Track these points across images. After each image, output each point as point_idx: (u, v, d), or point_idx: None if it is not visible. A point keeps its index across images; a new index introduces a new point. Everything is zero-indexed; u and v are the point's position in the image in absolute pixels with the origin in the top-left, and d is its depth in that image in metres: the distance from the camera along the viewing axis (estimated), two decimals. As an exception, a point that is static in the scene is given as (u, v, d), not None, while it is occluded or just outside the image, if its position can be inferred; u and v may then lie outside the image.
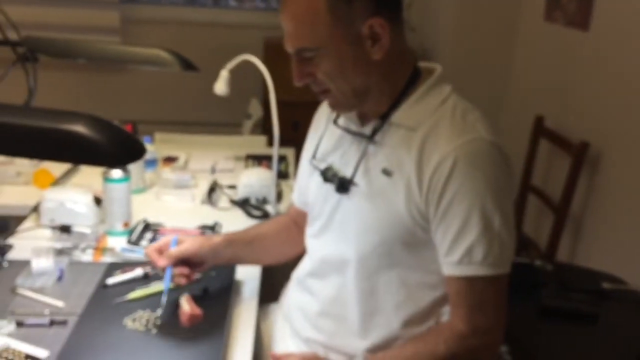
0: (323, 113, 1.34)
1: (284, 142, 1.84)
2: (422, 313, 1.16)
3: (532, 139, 2.63)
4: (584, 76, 2.43)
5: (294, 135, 2.14)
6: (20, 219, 1.75)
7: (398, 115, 1.13)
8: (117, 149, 0.86)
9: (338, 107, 1.16)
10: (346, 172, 1.19)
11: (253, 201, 1.89)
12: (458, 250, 1.07)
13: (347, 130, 1.21)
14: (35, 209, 1.70)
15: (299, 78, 1.11)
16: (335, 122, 1.25)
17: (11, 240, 1.59)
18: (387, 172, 1.12)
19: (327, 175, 1.21)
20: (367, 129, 1.16)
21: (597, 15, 2.35)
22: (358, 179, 1.16)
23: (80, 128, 0.86)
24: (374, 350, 1.18)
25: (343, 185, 1.17)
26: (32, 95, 1.21)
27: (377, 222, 1.13)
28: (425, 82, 1.15)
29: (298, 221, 1.42)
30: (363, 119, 1.19)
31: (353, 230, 1.17)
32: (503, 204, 1.06)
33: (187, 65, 1.38)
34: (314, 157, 1.28)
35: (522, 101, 2.95)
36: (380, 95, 1.13)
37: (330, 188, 1.21)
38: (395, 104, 1.14)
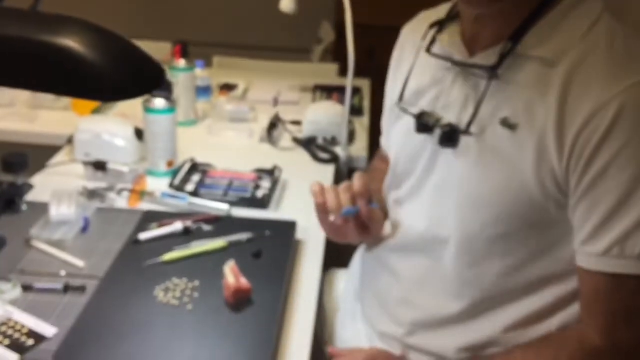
0: (408, 40, 1.01)
1: (358, 72, 1.54)
2: (539, 313, 0.86)
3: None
4: None
5: (370, 64, 1.87)
6: (55, 150, 1.53)
7: (531, 41, 0.80)
8: (120, 74, 0.58)
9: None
10: (448, 118, 0.87)
11: (320, 141, 1.60)
12: (606, 236, 0.76)
13: (450, 61, 0.88)
14: (70, 140, 1.47)
15: None
16: (429, 50, 0.92)
17: (38, 178, 1.37)
18: (509, 124, 0.80)
19: (426, 121, 0.89)
20: (484, 59, 0.83)
21: None
22: (474, 128, 0.83)
23: (70, 42, 0.58)
24: (468, 352, 0.89)
25: (451, 137, 0.85)
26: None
27: (490, 193, 0.82)
28: None
29: None
30: (472, 45, 0.86)
31: (455, 200, 0.86)
32: None
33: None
34: (400, 99, 0.96)
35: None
36: (516, 2, 0.80)
37: (425, 139, 0.90)
38: (527, 24, 0.80)
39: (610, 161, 0.73)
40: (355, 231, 0.97)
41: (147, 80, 0.60)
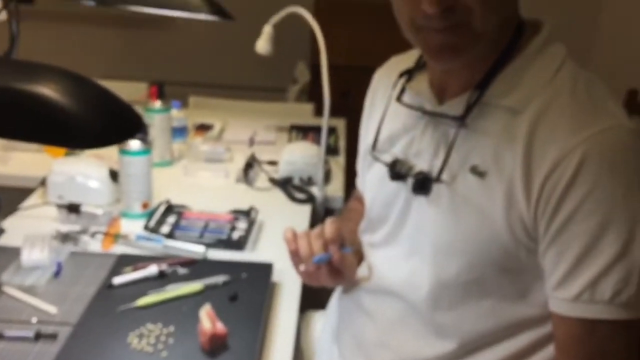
0: (379, 86, 1.03)
1: (333, 112, 1.57)
2: (516, 356, 0.86)
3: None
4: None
5: (345, 104, 1.89)
6: (28, 193, 1.51)
7: (497, 90, 0.82)
8: (97, 123, 0.58)
9: (460, 52, 0.80)
10: (420, 166, 0.89)
11: (296, 181, 1.61)
12: (576, 282, 0.77)
13: (420, 110, 0.90)
14: (43, 182, 1.46)
15: None
16: (399, 99, 0.94)
17: (10, 221, 1.34)
18: (478, 172, 0.81)
19: (398, 170, 0.91)
20: (452, 108, 0.85)
21: None
22: (445, 176, 0.85)
23: (47, 90, 0.58)
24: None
25: (423, 184, 0.86)
26: (13, 45, 0.94)
27: (463, 240, 0.83)
28: (531, 43, 0.83)
29: None
30: (440, 94, 0.88)
31: (429, 247, 0.87)
32: None
33: (219, 11, 1.09)
34: (373, 147, 0.97)
35: (610, 72, 2.56)
36: (481, 53, 0.82)
37: (399, 186, 0.91)
38: (492, 73, 0.82)
39: (576, 208, 0.74)
40: (329, 276, 0.98)
41: (125, 128, 0.60)
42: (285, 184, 1.60)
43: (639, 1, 2.40)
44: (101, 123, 0.58)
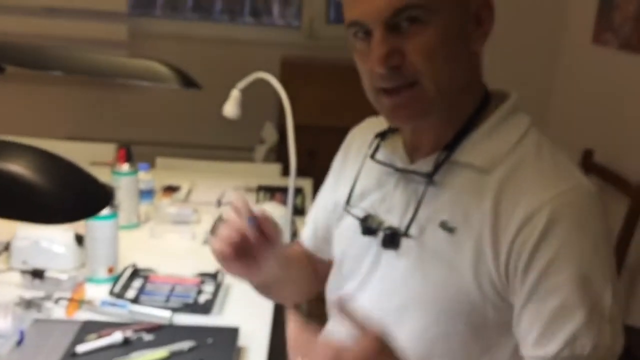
0: (354, 144, 1.07)
1: (300, 172, 1.60)
2: None
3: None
4: (642, 106, 2.15)
5: (312, 163, 1.92)
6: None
7: (465, 151, 0.87)
8: (67, 198, 0.60)
9: (414, 113, 0.85)
10: (391, 221, 0.92)
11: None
12: (555, 339, 0.78)
13: (392, 167, 0.94)
14: (7, 247, 1.44)
15: (386, 57, 0.81)
16: (373, 156, 0.98)
17: (-29, 287, 1.32)
18: (447, 227, 0.85)
19: (369, 225, 0.94)
20: (422, 166, 0.90)
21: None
22: (412, 231, 0.88)
23: (17, 168, 0.60)
24: None
25: (393, 239, 0.90)
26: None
27: (431, 295, 0.86)
28: (499, 110, 0.89)
29: (312, 259, 1.14)
30: (413, 153, 0.93)
31: (398, 301, 0.89)
32: (613, 273, 0.81)
33: (188, 81, 1.13)
34: (347, 202, 1.01)
35: (566, 132, 2.67)
36: (453, 110, 0.87)
37: (370, 241, 0.94)
38: (460, 135, 0.87)
39: (549, 263, 0.78)
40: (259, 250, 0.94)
41: (93, 203, 0.62)
42: (252, 246, 1.60)
43: (589, 69, 2.52)
44: (71, 200, 0.59)
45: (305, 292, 1.18)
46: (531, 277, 0.79)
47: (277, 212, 1.67)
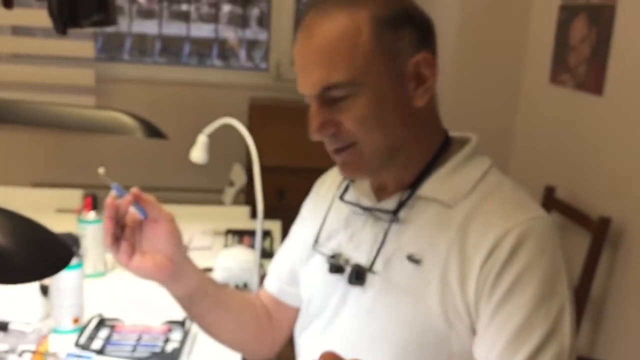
0: (323, 188, 1.11)
1: (269, 213, 1.61)
2: None
3: (542, 212, 2.40)
4: (600, 143, 2.22)
5: (280, 204, 1.93)
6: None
7: (429, 187, 0.91)
8: (27, 258, 0.60)
9: (358, 169, 0.92)
10: (358, 258, 0.95)
11: (232, 287, 1.62)
12: (519, 354, 0.82)
13: (360, 207, 0.98)
14: (-31, 299, 1.42)
15: (320, 128, 0.88)
16: (342, 197, 1.01)
17: None
18: (414, 260, 0.89)
19: (336, 262, 0.97)
20: (387, 204, 0.94)
21: (611, 78, 2.16)
22: (378, 266, 0.91)
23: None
24: None
25: (358, 275, 0.93)
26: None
27: (399, 328, 0.88)
28: (461, 152, 0.94)
29: (271, 312, 1.14)
30: (379, 193, 0.97)
31: (365, 338, 0.92)
32: (570, 295, 0.85)
33: (153, 131, 1.14)
34: (316, 241, 1.03)
35: (528, 170, 2.73)
36: (408, 159, 0.92)
37: (337, 279, 0.97)
38: (423, 174, 0.92)
39: (515, 281, 0.82)
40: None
41: (55, 262, 0.62)
42: (220, 291, 1.60)
43: (547, 108, 2.60)
44: (32, 259, 0.60)
45: (248, 332, 1.13)
46: (496, 296, 0.83)
47: (245, 255, 1.68)
